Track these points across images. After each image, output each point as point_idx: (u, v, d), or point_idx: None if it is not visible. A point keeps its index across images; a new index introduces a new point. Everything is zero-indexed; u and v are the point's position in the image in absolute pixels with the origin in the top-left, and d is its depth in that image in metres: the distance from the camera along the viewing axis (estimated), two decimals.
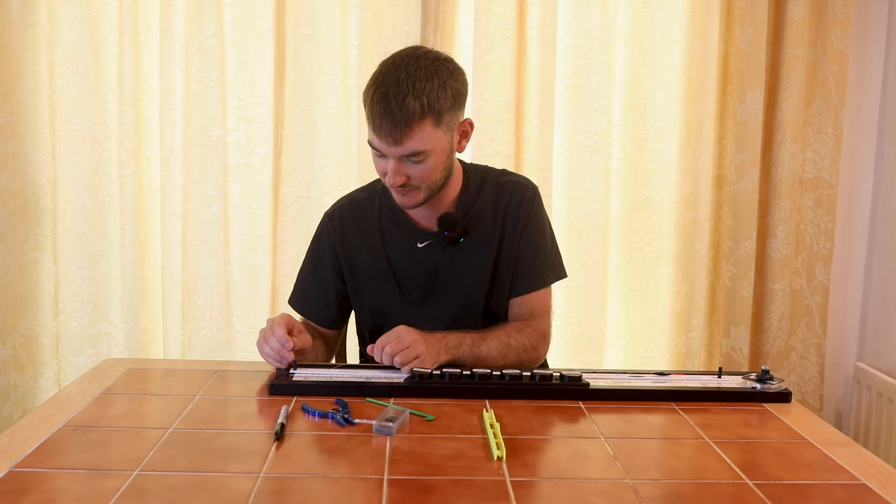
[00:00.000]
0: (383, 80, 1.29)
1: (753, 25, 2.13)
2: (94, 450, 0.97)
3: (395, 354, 1.25)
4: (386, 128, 1.28)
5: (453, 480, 0.91)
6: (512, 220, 1.45)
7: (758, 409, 1.21)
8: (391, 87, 1.28)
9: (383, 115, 1.28)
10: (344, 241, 1.47)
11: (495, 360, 1.35)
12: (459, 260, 1.43)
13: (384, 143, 1.30)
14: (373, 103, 1.29)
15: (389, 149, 1.30)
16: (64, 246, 2.16)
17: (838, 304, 2.29)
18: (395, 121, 1.27)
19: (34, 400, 2.21)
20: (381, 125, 1.28)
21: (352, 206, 1.51)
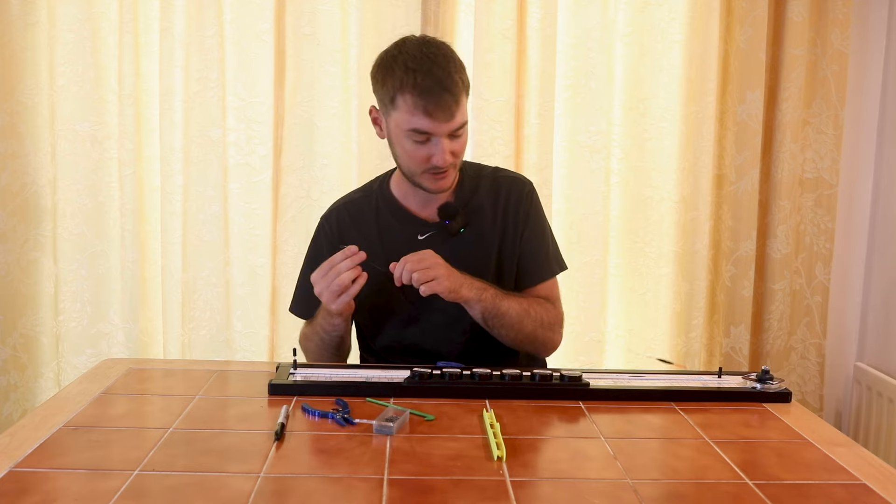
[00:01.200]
0: (419, 64, 1.30)
1: (753, 25, 2.13)
2: (94, 450, 0.97)
3: (415, 272, 1.27)
4: (443, 103, 1.29)
5: (453, 480, 0.91)
6: (513, 214, 1.47)
7: (758, 409, 1.21)
8: (434, 66, 1.30)
9: (438, 93, 1.29)
10: (342, 240, 1.47)
11: (513, 320, 1.37)
12: (460, 253, 1.43)
13: (436, 122, 1.30)
14: (420, 86, 1.29)
15: (441, 126, 1.30)
16: (64, 246, 2.16)
17: (838, 304, 2.29)
18: (449, 95, 1.29)
19: (34, 400, 2.21)
20: (436, 103, 1.29)
21: (348, 207, 1.51)
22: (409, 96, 1.30)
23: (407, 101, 1.30)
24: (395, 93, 1.31)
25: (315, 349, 1.47)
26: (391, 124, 1.35)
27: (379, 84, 1.35)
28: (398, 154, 1.39)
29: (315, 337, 1.45)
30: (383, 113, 1.37)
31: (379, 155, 2.14)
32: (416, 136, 1.32)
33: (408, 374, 1.23)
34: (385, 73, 1.33)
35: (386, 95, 1.34)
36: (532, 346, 1.45)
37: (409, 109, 1.31)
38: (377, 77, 1.36)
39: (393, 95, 1.32)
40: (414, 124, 1.31)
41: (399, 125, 1.33)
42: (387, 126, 1.38)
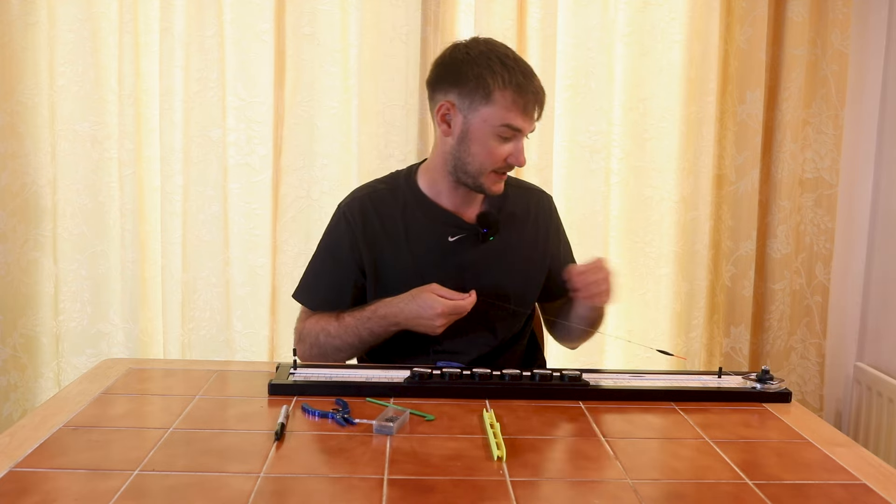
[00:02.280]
0: (514, 64, 1.34)
1: (753, 25, 2.13)
2: (94, 450, 0.97)
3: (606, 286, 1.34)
4: (537, 104, 1.35)
5: (453, 480, 0.91)
6: (544, 225, 1.51)
7: (758, 409, 1.21)
8: (528, 69, 1.35)
9: (534, 94, 1.34)
10: (365, 232, 1.43)
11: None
12: (489, 258, 1.43)
13: (528, 122, 1.35)
14: (521, 84, 1.33)
15: (530, 125, 1.36)
16: (64, 246, 2.16)
17: (838, 304, 2.29)
18: (542, 98, 1.35)
19: (34, 400, 2.21)
20: (533, 103, 1.34)
21: (372, 197, 1.47)
22: (509, 93, 1.32)
23: (506, 97, 1.32)
24: (495, 88, 1.32)
25: (339, 347, 1.41)
26: (476, 119, 1.34)
27: (470, 78, 1.33)
28: (473, 152, 1.36)
29: (347, 337, 1.39)
30: (465, 108, 1.35)
31: (379, 155, 2.14)
32: (506, 132, 1.33)
33: (408, 374, 1.23)
34: (482, 68, 1.32)
35: (480, 90, 1.32)
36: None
37: (508, 105, 1.32)
38: (466, 72, 1.33)
39: (490, 91, 1.32)
40: (509, 120, 1.32)
41: (489, 120, 1.33)
42: (465, 122, 1.35)
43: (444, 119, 1.38)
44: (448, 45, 1.42)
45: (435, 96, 1.40)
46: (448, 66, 1.37)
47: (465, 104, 1.34)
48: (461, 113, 1.35)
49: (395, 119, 2.14)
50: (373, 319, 1.37)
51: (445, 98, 1.36)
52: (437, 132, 1.41)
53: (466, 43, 1.38)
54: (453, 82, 1.35)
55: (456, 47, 1.38)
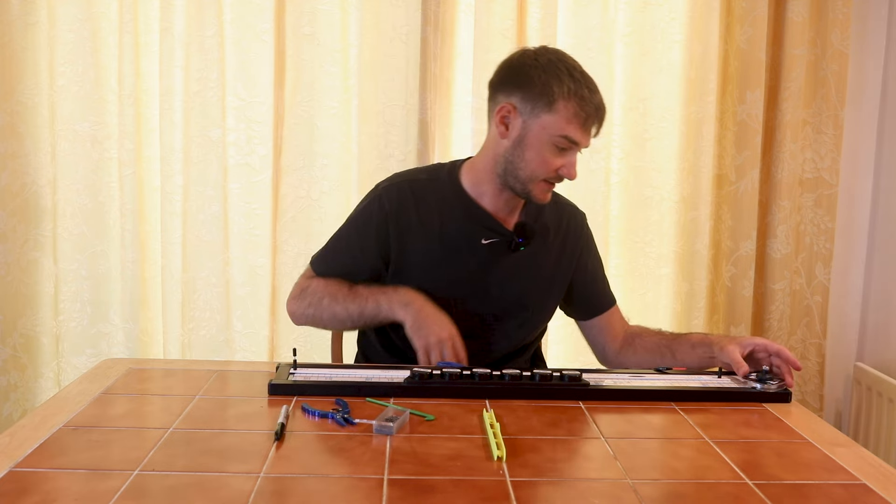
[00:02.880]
0: (581, 77, 1.34)
1: (753, 25, 2.13)
2: (94, 450, 0.97)
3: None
4: (597, 121, 1.35)
5: (453, 480, 0.91)
6: (572, 242, 1.51)
7: (758, 409, 1.21)
8: (590, 83, 1.35)
9: (597, 110, 1.34)
10: (399, 218, 1.41)
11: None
12: (517, 267, 1.44)
13: (585, 136, 1.35)
14: (586, 98, 1.33)
15: (586, 140, 1.36)
16: (64, 246, 2.16)
17: (838, 304, 2.29)
18: (602, 115, 1.36)
19: (34, 400, 2.21)
20: (594, 119, 1.35)
21: (413, 185, 1.44)
22: (573, 104, 1.32)
23: (569, 109, 1.32)
24: (559, 98, 1.31)
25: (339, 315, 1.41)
26: (536, 125, 1.33)
27: (536, 83, 1.33)
28: (527, 158, 1.35)
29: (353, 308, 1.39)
30: (527, 112, 1.34)
31: (379, 155, 2.14)
32: (563, 142, 1.33)
33: (408, 374, 1.23)
34: (549, 75, 1.32)
35: (544, 97, 1.32)
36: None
37: (569, 118, 1.32)
38: (533, 76, 1.33)
39: (554, 99, 1.32)
40: (568, 132, 1.32)
41: (548, 128, 1.33)
42: (525, 126, 1.34)
43: (503, 121, 1.37)
44: (448, 45, 1.42)
45: (496, 97, 1.39)
46: (515, 69, 1.37)
47: (527, 109, 1.34)
48: (521, 117, 1.35)
49: (395, 119, 2.14)
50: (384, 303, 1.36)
51: (508, 100, 1.36)
52: (492, 133, 1.40)
53: (536, 50, 1.38)
54: (518, 85, 1.35)
55: (525, 52, 1.38)
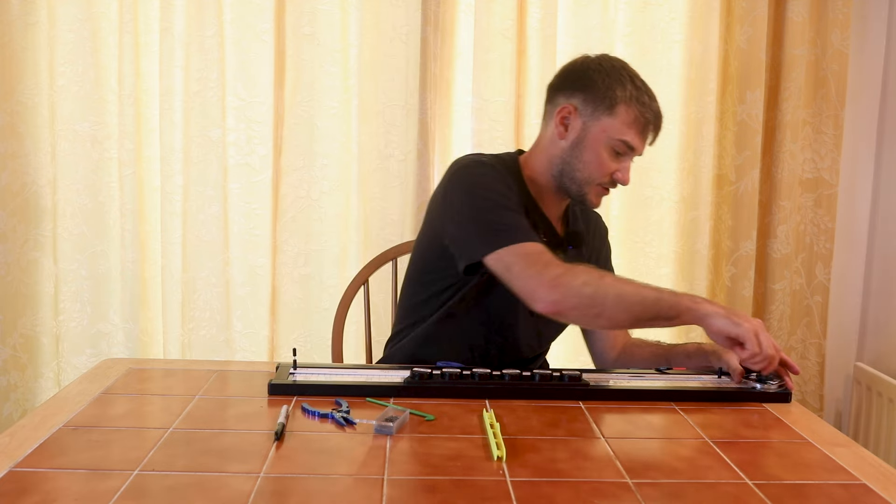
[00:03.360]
0: (642, 84, 1.37)
1: (753, 25, 2.13)
2: (94, 450, 0.97)
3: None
4: (655, 130, 1.38)
5: (453, 480, 0.90)
6: (597, 247, 1.55)
7: (758, 409, 1.21)
8: (650, 92, 1.37)
9: (656, 119, 1.37)
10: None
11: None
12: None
13: (642, 143, 1.37)
14: (647, 105, 1.35)
15: (642, 148, 1.38)
16: (64, 246, 2.16)
17: (838, 304, 2.29)
18: (660, 124, 1.38)
19: (34, 400, 2.21)
20: (652, 127, 1.37)
21: (501, 163, 1.41)
22: (634, 110, 1.34)
23: (630, 114, 1.34)
24: (620, 102, 1.34)
25: (626, 294, 1.22)
26: (595, 128, 1.35)
27: (599, 86, 1.34)
28: (585, 159, 1.36)
29: (643, 291, 1.22)
30: (587, 114, 1.35)
31: (379, 155, 2.14)
32: (621, 146, 1.35)
33: (408, 374, 1.23)
34: (612, 80, 1.34)
35: (606, 100, 1.34)
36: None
37: (629, 122, 1.34)
38: (596, 80, 1.35)
39: (615, 103, 1.34)
40: (627, 136, 1.34)
41: (607, 131, 1.34)
42: (584, 128, 1.36)
43: (563, 121, 1.38)
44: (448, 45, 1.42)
45: (556, 98, 1.41)
46: (578, 72, 1.39)
47: (588, 111, 1.36)
48: (581, 118, 1.36)
49: (395, 119, 2.14)
50: (685, 299, 1.22)
51: (569, 101, 1.38)
52: (548, 134, 1.41)
53: (598, 56, 1.40)
54: (581, 87, 1.37)
55: (587, 57, 1.40)
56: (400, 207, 2.15)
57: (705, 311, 1.20)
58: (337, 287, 2.15)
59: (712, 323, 1.20)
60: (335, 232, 2.18)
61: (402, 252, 1.84)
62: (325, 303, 2.18)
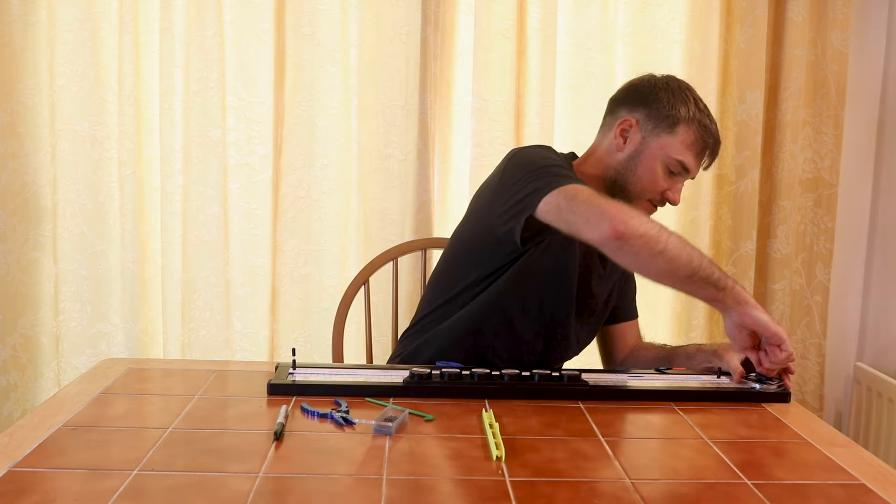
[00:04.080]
0: (705, 108, 1.39)
1: (753, 25, 2.13)
2: (94, 450, 0.97)
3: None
4: (711, 155, 1.40)
5: (453, 480, 0.91)
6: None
7: (757, 409, 1.21)
8: (711, 117, 1.39)
9: (715, 144, 1.39)
10: None
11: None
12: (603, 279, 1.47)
13: (697, 165, 1.39)
14: (708, 129, 1.38)
15: (696, 171, 1.39)
16: (64, 246, 2.16)
17: (838, 304, 2.29)
18: (718, 150, 1.41)
19: (34, 400, 2.21)
20: (709, 152, 1.39)
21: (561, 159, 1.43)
22: (694, 132, 1.36)
23: (689, 135, 1.36)
24: (682, 121, 1.36)
25: (671, 249, 1.17)
26: (654, 143, 1.37)
27: (663, 104, 1.37)
28: (639, 173, 1.38)
29: (693, 253, 1.19)
30: (647, 129, 1.38)
31: (379, 155, 2.14)
32: (675, 166, 1.37)
33: (407, 374, 1.23)
34: (676, 99, 1.37)
35: (668, 118, 1.36)
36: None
37: (687, 143, 1.36)
38: (660, 97, 1.38)
39: (677, 121, 1.36)
40: (683, 157, 1.36)
41: (665, 149, 1.37)
42: (643, 143, 1.38)
43: (623, 133, 1.41)
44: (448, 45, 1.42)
45: (618, 111, 1.44)
46: (643, 88, 1.41)
47: (649, 126, 1.38)
48: (641, 133, 1.39)
49: (395, 119, 2.14)
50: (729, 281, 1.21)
51: (631, 114, 1.41)
52: (606, 144, 1.44)
53: (665, 76, 1.43)
54: (645, 102, 1.39)
55: (654, 76, 1.43)
56: (400, 207, 2.15)
57: (746, 300, 1.21)
58: (337, 287, 2.15)
59: (751, 312, 1.20)
60: (335, 232, 2.18)
61: (402, 252, 1.84)
62: (325, 303, 2.18)
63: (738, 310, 1.21)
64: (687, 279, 1.19)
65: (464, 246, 1.45)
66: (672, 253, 1.17)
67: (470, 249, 1.42)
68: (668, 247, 1.17)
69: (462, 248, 1.45)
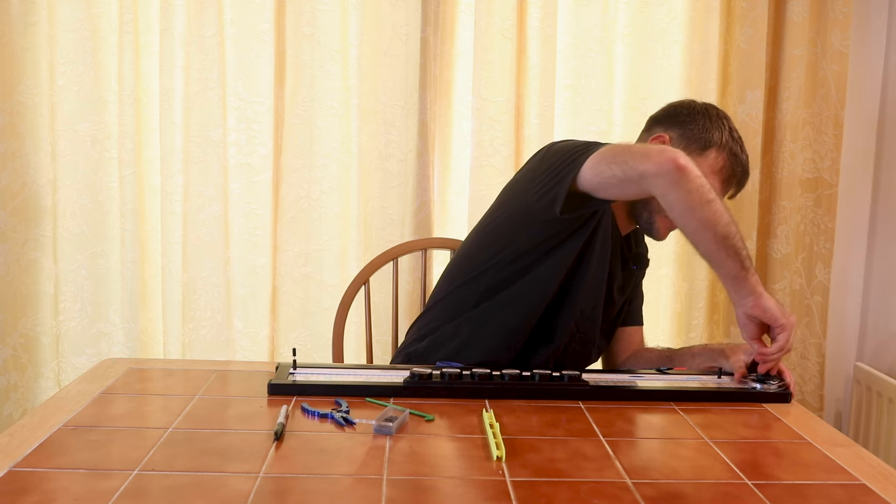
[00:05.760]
0: (739, 138, 1.42)
1: (753, 25, 2.13)
2: (94, 450, 0.97)
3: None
4: (738, 184, 1.43)
5: (453, 480, 0.91)
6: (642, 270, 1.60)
7: (758, 409, 1.21)
8: (744, 147, 1.42)
9: (743, 174, 1.42)
10: None
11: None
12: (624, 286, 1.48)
13: (723, 192, 1.41)
14: (738, 158, 1.40)
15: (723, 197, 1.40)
16: (64, 246, 2.16)
17: (838, 304, 2.29)
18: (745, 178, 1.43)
19: (34, 400, 2.21)
20: (736, 180, 1.42)
21: None
22: (724, 157, 1.39)
23: (719, 160, 1.39)
24: (714, 145, 1.38)
25: (711, 210, 1.18)
26: None
27: (699, 126, 1.39)
28: None
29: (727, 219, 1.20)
30: (679, 148, 1.35)
31: (379, 155, 2.14)
32: None
33: (407, 374, 1.23)
34: (713, 124, 1.39)
35: (700, 140, 1.38)
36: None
37: (716, 168, 1.38)
38: (697, 119, 1.40)
39: (709, 145, 1.38)
40: (710, 181, 1.32)
41: None
42: None
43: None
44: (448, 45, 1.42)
45: (654, 128, 1.45)
46: (682, 110, 1.43)
47: (681, 145, 1.39)
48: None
49: (395, 119, 2.14)
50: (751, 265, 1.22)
51: (666, 132, 1.42)
52: None
53: (706, 103, 1.45)
54: (680, 123, 1.41)
55: (694, 101, 1.45)
56: (400, 207, 2.15)
57: (761, 290, 1.23)
58: (337, 287, 2.15)
59: (762, 302, 1.22)
60: (335, 232, 2.18)
61: (401, 252, 1.84)
62: (325, 303, 2.18)
63: (751, 299, 1.23)
64: (723, 239, 1.19)
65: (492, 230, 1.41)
66: (719, 206, 1.19)
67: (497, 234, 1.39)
68: (717, 200, 1.20)
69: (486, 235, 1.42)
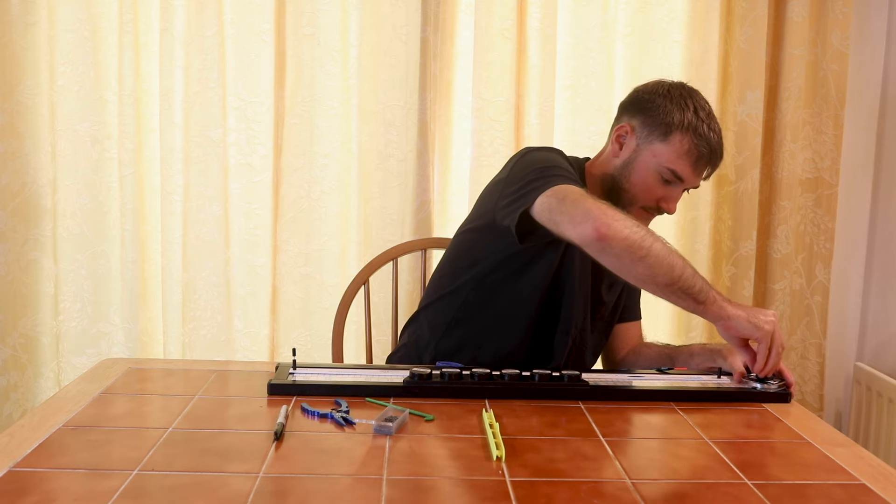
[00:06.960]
0: (706, 117, 1.34)
1: (753, 25, 2.13)
2: (94, 450, 0.97)
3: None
4: (710, 164, 1.36)
5: (453, 480, 0.91)
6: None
7: (758, 409, 1.21)
8: (713, 126, 1.34)
9: (711, 153, 1.34)
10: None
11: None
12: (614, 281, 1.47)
13: (694, 176, 1.36)
14: (704, 137, 1.33)
15: (694, 181, 1.37)
16: (64, 246, 2.16)
17: (838, 304, 2.29)
18: (717, 161, 1.36)
19: (34, 400, 2.21)
20: (706, 161, 1.35)
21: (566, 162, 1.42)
22: (688, 140, 1.33)
23: (683, 144, 1.33)
24: (676, 130, 1.33)
25: (660, 255, 1.19)
26: (647, 151, 1.36)
27: (659, 111, 1.35)
28: (633, 181, 1.38)
29: (677, 262, 1.20)
30: (642, 137, 1.37)
31: (379, 155, 2.14)
32: (668, 175, 1.35)
33: (407, 374, 1.23)
34: (674, 106, 1.34)
35: (662, 126, 1.35)
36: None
37: (681, 152, 1.34)
38: (658, 104, 1.36)
39: (670, 129, 1.34)
40: (676, 166, 1.34)
41: (657, 157, 1.35)
42: (637, 150, 1.38)
43: (619, 140, 1.40)
44: (448, 44, 1.42)
45: (620, 117, 1.43)
46: (643, 94, 1.40)
47: (644, 133, 1.37)
48: (636, 140, 1.38)
49: (395, 119, 2.14)
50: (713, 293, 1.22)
51: (629, 121, 1.40)
52: (607, 150, 1.44)
53: (671, 82, 1.41)
54: (642, 109, 1.38)
55: (660, 82, 1.41)
56: (400, 207, 2.15)
57: (728, 313, 1.22)
58: (337, 287, 2.15)
59: (731, 324, 1.22)
60: (335, 232, 2.18)
61: (402, 252, 1.84)
62: (325, 302, 2.18)
63: (720, 324, 1.24)
64: (666, 287, 1.20)
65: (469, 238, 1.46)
66: (653, 260, 1.18)
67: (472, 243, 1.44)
68: (650, 253, 1.18)
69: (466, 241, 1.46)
